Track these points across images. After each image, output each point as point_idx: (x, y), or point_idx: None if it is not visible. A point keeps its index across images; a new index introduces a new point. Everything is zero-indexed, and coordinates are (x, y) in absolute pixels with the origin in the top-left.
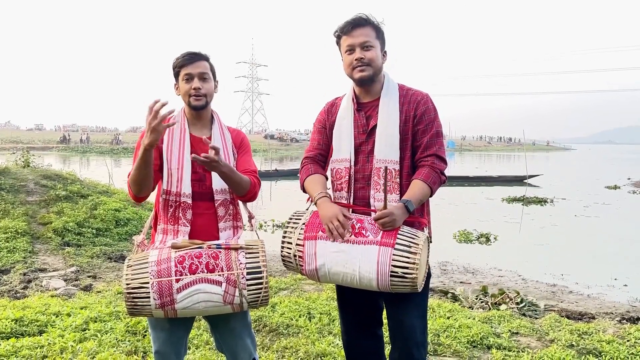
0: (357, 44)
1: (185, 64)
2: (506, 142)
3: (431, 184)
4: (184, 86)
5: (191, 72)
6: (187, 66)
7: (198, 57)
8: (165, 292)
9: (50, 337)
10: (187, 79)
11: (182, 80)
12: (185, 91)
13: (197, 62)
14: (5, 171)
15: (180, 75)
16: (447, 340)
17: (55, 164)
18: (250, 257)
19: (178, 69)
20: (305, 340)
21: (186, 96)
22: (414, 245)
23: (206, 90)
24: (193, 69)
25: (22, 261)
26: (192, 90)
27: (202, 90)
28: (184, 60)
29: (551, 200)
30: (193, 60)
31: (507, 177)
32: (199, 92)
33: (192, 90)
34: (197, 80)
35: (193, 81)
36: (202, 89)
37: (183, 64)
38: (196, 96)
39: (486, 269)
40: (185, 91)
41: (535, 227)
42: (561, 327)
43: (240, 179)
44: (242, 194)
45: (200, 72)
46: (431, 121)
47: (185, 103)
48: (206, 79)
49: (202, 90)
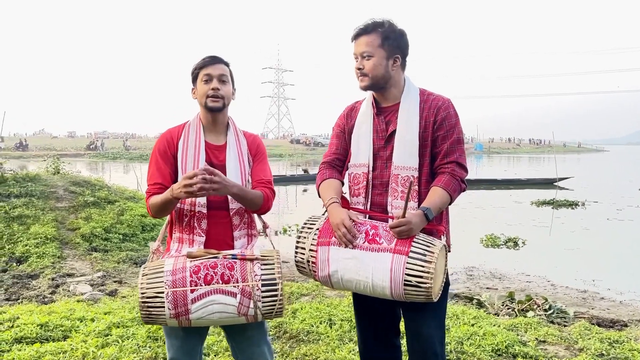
0: (358, 53)
1: (206, 65)
2: (536, 144)
3: (451, 192)
4: (202, 87)
5: (211, 73)
6: (207, 67)
7: (218, 60)
8: (180, 302)
9: (74, 342)
10: (206, 80)
11: (201, 82)
12: (203, 92)
13: (217, 64)
14: (36, 178)
15: (199, 76)
16: (471, 348)
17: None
18: (265, 268)
19: (198, 70)
20: (326, 347)
21: (203, 97)
22: (429, 253)
23: (224, 92)
24: (213, 70)
25: (51, 266)
26: (211, 90)
27: (220, 91)
28: (204, 62)
29: (582, 203)
30: (214, 62)
31: (537, 179)
32: (217, 92)
33: (210, 90)
34: (216, 81)
35: (212, 82)
36: (220, 90)
37: (203, 65)
38: (214, 97)
39: (514, 274)
40: (203, 92)
41: (565, 231)
42: (591, 335)
43: (253, 196)
44: (255, 209)
45: (220, 74)
46: (452, 127)
47: (202, 105)
48: (225, 82)
49: (221, 92)
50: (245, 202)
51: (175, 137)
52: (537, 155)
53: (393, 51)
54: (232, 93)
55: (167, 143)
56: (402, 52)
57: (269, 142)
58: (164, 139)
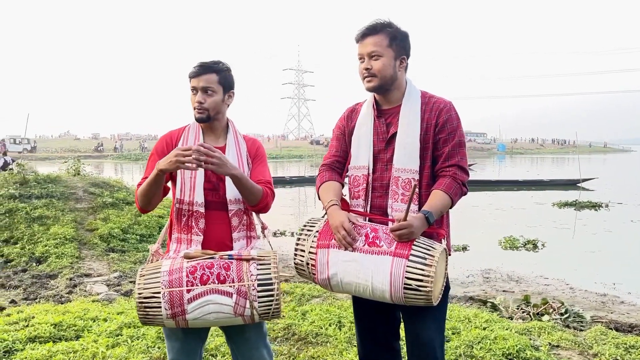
0: (365, 54)
1: (192, 76)
2: (560, 144)
3: (452, 195)
4: (191, 97)
5: (195, 86)
6: (192, 79)
7: (204, 69)
8: (176, 302)
9: (85, 342)
10: (193, 92)
11: (191, 92)
12: (192, 102)
13: (202, 75)
14: (57, 179)
15: (190, 85)
16: (481, 352)
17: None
18: (262, 268)
19: (189, 79)
20: (333, 350)
21: (193, 108)
22: (429, 257)
23: (208, 104)
24: (197, 83)
25: (69, 266)
26: (196, 103)
27: (204, 104)
28: (191, 73)
29: (606, 204)
30: (199, 73)
31: (559, 180)
32: (201, 106)
33: (196, 103)
34: (200, 94)
35: (197, 94)
36: (204, 102)
37: (190, 76)
38: (199, 109)
39: (531, 277)
40: (192, 102)
41: (587, 233)
42: (607, 340)
43: (252, 186)
44: (253, 204)
45: (203, 86)
46: (453, 130)
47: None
48: (209, 93)
49: (205, 105)
50: (245, 189)
51: (175, 139)
52: (561, 155)
53: (400, 52)
54: (229, 97)
55: (166, 144)
56: (407, 54)
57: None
58: (163, 140)
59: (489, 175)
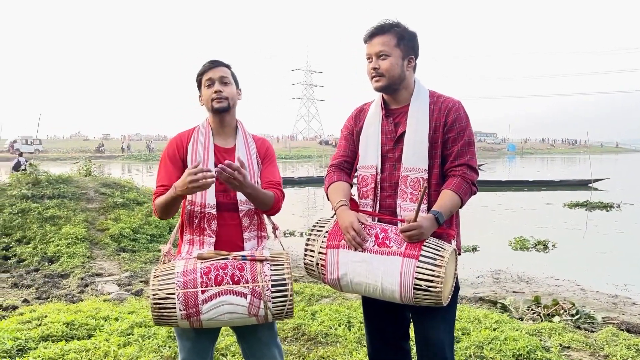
0: (373, 53)
1: (206, 70)
2: (571, 144)
3: (462, 195)
4: (206, 92)
5: (212, 77)
6: (208, 72)
7: (218, 63)
8: (191, 303)
9: (97, 341)
10: (208, 85)
11: (205, 87)
12: (207, 96)
13: (217, 67)
14: (69, 180)
15: (202, 82)
16: (491, 353)
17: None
18: (275, 269)
19: (200, 76)
20: (343, 350)
21: (209, 102)
22: (439, 257)
23: (228, 93)
24: (214, 74)
25: (80, 266)
26: (214, 93)
27: (223, 93)
28: (204, 67)
29: (618, 205)
30: (213, 66)
31: (570, 181)
32: (220, 94)
33: (214, 94)
34: (218, 83)
35: (214, 85)
36: (223, 91)
37: (204, 70)
38: (218, 99)
39: (542, 278)
40: (207, 96)
41: (598, 233)
42: (618, 341)
43: (264, 196)
44: (265, 210)
45: (220, 76)
46: (462, 129)
47: (209, 109)
48: (227, 83)
49: (224, 93)
50: (257, 201)
51: (185, 141)
52: (571, 156)
53: (408, 52)
54: (237, 94)
55: (176, 147)
56: (415, 53)
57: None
58: (173, 143)
59: (499, 175)
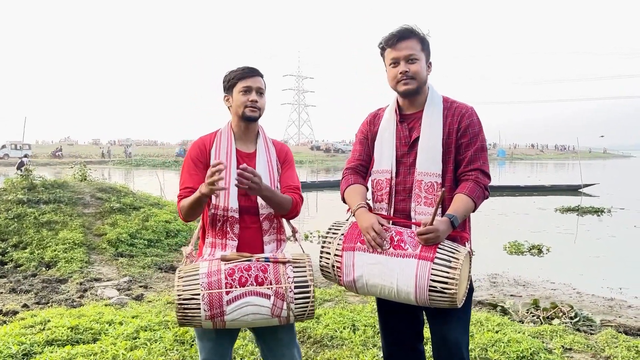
0: (401, 57)
1: (245, 77)
2: (560, 150)
3: (475, 199)
4: (239, 98)
5: (250, 85)
6: (246, 79)
7: (257, 72)
8: (216, 303)
9: (103, 345)
10: (244, 91)
11: (239, 92)
12: (241, 102)
13: (256, 76)
14: (64, 184)
15: (236, 86)
16: (496, 355)
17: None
18: (297, 270)
19: (235, 80)
20: (349, 352)
21: (241, 107)
22: (454, 260)
23: (261, 104)
24: (252, 83)
25: (78, 271)
26: (250, 102)
27: (258, 103)
28: (244, 73)
29: (608, 210)
30: (253, 74)
31: (561, 186)
32: (255, 104)
33: (249, 102)
34: (254, 93)
35: (251, 94)
36: (258, 102)
37: (242, 76)
38: (252, 107)
39: (538, 281)
40: (241, 102)
41: (591, 238)
42: (618, 343)
43: (282, 200)
44: (284, 214)
45: (258, 87)
46: (475, 135)
47: (238, 114)
48: (262, 94)
49: (258, 104)
50: (274, 204)
51: (208, 145)
52: (561, 161)
53: (428, 57)
54: None
55: (199, 151)
56: (430, 59)
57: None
58: (196, 147)
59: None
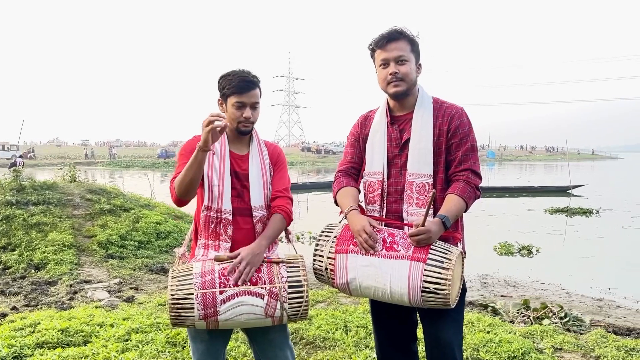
0: (391, 58)
1: (240, 92)
2: (548, 151)
3: (467, 199)
4: (233, 112)
5: (244, 102)
6: (241, 95)
7: (252, 86)
8: (209, 303)
9: (95, 347)
10: (238, 107)
11: (232, 106)
12: (234, 117)
13: (251, 90)
14: (54, 186)
15: (230, 99)
16: (487, 355)
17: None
18: (291, 270)
19: (230, 94)
20: (342, 353)
21: (234, 122)
22: (446, 260)
23: (255, 118)
24: (247, 99)
25: (68, 273)
26: (243, 117)
27: (251, 119)
28: (239, 88)
29: (597, 211)
30: (249, 89)
31: (550, 187)
32: (248, 121)
33: (242, 117)
34: (249, 109)
35: (245, 110)
36: (251, 117)
37: (237, 91)
38: (245, 124)
39: (528, 282)
40: (234, 117)
41: (579, 239)
42: (607, 343)
43: (278, 228)
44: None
45: (253, 102)
46: (465, 135)
47: (231, 126)
48: (256, 108)
49: (251, 119)
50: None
51: None
52: (550, 162)
53: (418, 58)
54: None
55: (194, 147)
56: (419, 61)
57: None
58: (191, 144)
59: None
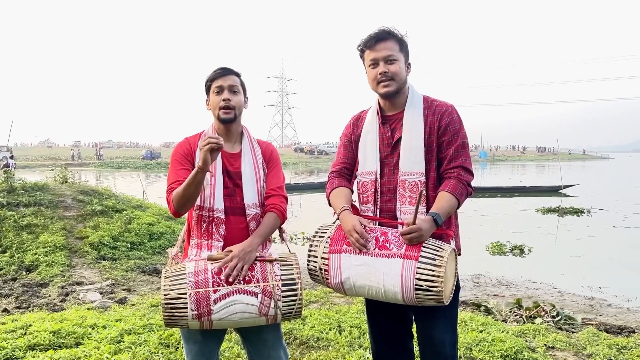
0: (380, 58)
1: (217, 77)
2: (540, 151)
3: (458, 196)
4: (214, 99)
5: (222, 85)
6: (218, 79)
7: (229, 71)
8: (203, 302)
9: (87, 349)
10: (217, 92)
11: (213, 93)
12: (215, 104)
13: (227, 75)
14: (45, 187)
15: (211, 88)
16: (480, 354)
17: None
18: (285, 269)
19: (210, 82)
20: (336, 353)
21: (216, 109)
22: (438, 258)
23: (235, 102)
24: (224, 82)
25: (60, 275)
26: (222, 102)
27: (231, 102)
28: (215, 74)
29: (588, 210)
30: (224, 73)
31: (542, 187)
32: (228, 103)
33: (222, 102)
34: (227, 92)
35: (223, 93)
36: (231, 100)
37: (214, 77)
38: (225, 108)
39: (520, 281)
40: (215, 104)
41: (571, 238)
42: (599, 341)
43: (270, 226)
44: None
45: (230, 85)
46: (456, 132)
47: (215, 117)
48: (236, 92)
49: (232, 102)
50: (270, 233)
51: (193, 145)
52: (541, 162)
53: (407, 57)
54: (245, 102)
55: (186, 150)
56: (409, 60)
57: None
58: (183, 147)
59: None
